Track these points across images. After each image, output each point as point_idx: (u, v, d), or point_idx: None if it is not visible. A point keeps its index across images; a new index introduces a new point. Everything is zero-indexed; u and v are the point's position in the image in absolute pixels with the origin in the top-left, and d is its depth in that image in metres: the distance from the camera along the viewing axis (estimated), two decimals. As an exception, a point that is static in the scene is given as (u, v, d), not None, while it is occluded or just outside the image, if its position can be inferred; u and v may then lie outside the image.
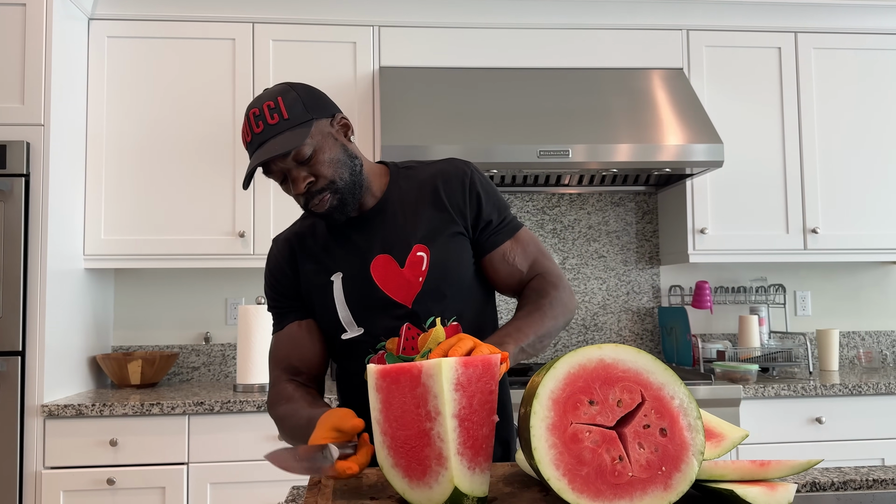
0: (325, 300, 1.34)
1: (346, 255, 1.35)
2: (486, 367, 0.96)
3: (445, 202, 1.35)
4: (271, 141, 1.23)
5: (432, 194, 1.36)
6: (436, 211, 1.35)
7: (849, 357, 3.29)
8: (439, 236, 1.34)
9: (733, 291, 3.18)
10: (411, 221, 1.34)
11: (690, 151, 2.61)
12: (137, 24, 2.74)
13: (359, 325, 1.33)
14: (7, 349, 2.32)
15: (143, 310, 3.02)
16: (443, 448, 0.91)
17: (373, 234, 1.35)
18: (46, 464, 2.32)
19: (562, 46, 2.91)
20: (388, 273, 1.32)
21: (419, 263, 1.32)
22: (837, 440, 2.59)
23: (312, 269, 1.36)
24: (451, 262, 1.34)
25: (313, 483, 1.08)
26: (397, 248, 1.33)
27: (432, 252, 1.33)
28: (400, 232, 1.34)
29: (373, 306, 1.32)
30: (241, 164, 2.74)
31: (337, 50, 2.82)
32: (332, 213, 1.30)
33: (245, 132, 1.26)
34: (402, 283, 1.32)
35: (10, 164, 2.35)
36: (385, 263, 1.33)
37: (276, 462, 0.99)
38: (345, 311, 1.33)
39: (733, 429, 1.03)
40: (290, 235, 1.41)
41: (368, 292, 1.32)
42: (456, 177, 1.37)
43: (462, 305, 1.35)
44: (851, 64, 3.00)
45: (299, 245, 1.39)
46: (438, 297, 1.32)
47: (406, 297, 1.32)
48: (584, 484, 0.87)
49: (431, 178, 1.37)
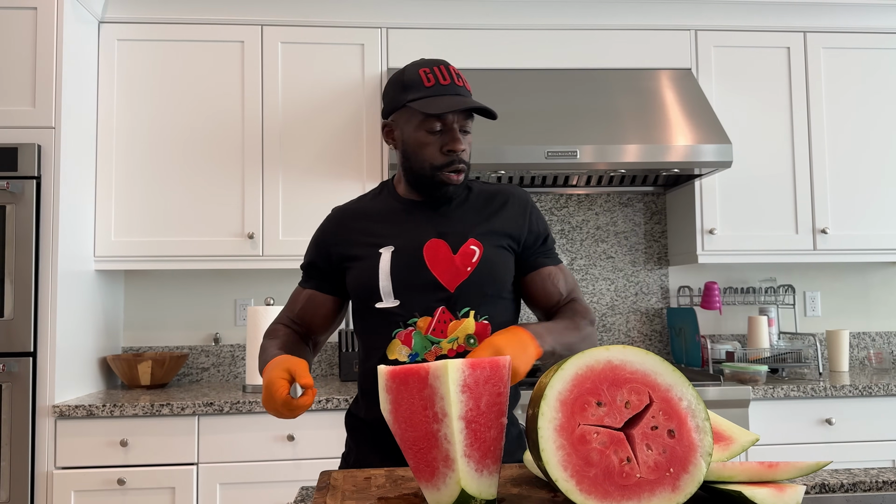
0: (367, 268, 1.41)
1: (402, 234, 1.42)
2: (495, 368, 0.96)
3: (506, 216, 1.46)
4: (471, 100, 1.36)
5: (496, 205, 1.47)
6: (495, 219, 1.45)
7: (859, 358, 3.27)
8: (492, 240, 1.43)
9: (742, 292, 3.17)
10: (471, 220, 1.44)
11: (699, 152, 2.61)
12: (147, 28, 2.76)
13: (396, 298, 1.39)
14: (19, 350, 2.33)
15: (152, 311, 3.04)
16: (450, 450, 0.91)
17: (433, 219, 1.44)
18: (58, 464, 2.34)
19: (569, 47, 2.91)
20: (439, 256, 1.40)
21: (471, 255, 1.41)
22: (847, 441, 2.57)
23: (362, 241, 1.44)
24: (499, 266, 1.43)
25: (322, 484, 1.09)
26: (452, 236, 1.42)
27: (485, 251, 1.41)
28: (458, 224, 1.43)
29: (416, 283, 1.39)
30: (250, 166, 2.75)
31: (345, 52, 2.83)
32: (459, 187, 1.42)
33: (440, 75, 1.37)
34: (451, 268, 1.39)
35: (22, 167, 2.37)
36: (437, 247, 1.41)
37: None
38: (387, 281, 1.39)
39: (743, 432, 1.03)
40: (347, 210, 1.50)
41: (415, 270, 1.39)
42: (519, 198, 1.50)
43: (495, 310, 1.43)
44: (861, 63, 2.98)
45: (351, 218, 1.48)
46: (479, 293, 1.40)
47: (451, 282, 1.39)
48: (592, 485, 0.87)
49: (497, 192, 1.50)
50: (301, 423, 2.41)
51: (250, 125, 2.77)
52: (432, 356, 1.37)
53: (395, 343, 1.39)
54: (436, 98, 1.35)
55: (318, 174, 2.78)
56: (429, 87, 1.36)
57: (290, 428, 2.41)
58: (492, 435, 0.95)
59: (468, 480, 0.91)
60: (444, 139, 1.37)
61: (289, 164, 2.77)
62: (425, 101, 1.35)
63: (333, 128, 2.80)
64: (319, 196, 2.77)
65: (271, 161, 2.76)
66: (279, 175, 2.76)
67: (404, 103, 1.38)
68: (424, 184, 1.41)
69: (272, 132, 2.77)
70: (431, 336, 1.37)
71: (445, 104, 1.33)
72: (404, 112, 1.40)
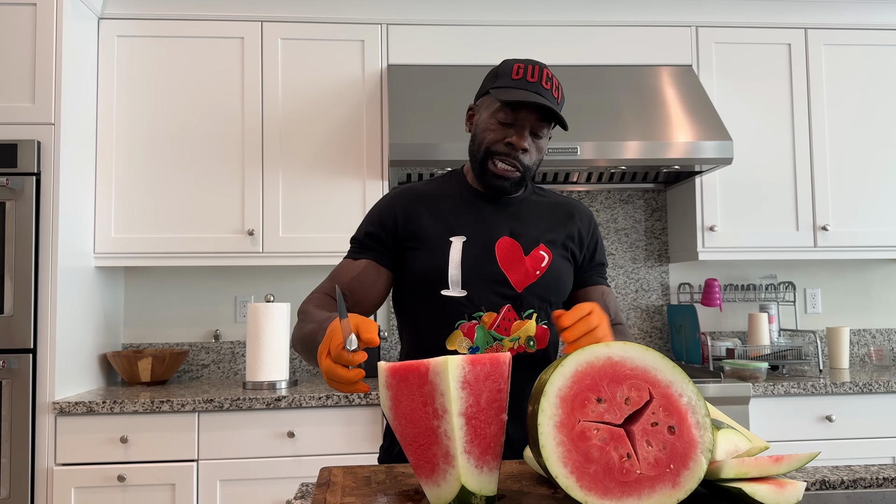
0: (437, 255, 1.41)
1: (474, 224, 1.43)
2: (495, 365, 0.96)
3: (573, 228, 1.50)
4: (547, 101, 1.37)
5: (564, 216, 1.51)
6: (563, 229, 1.49)
7: (859, 355, 3.27)
8: (559, 250, 1.47)
9: (743, 289, 3.17)
10: (542, 225, 1.47)
11: (700, 148, 2.60)
12: (147, 24, 2.75)
13: (463, 289, 1.39)
14: (19, 347, 2.33)
15: (153, 307, 3.04)
16: (450, 446, 0.91)
17: (505, 218, 1.46)
18: (58, 460, 2.34)
19: (570, 43, 2.90)
20: (512, 256, 1.42)
21: (540, 260, 1.43)
22: (848, 438, 2.57)
23: (432, 225, 1.43)
24: (564, 275, 1.46)
25: (322, 480, 1.09)
26: (524, 238, 1.44)
27: (553, 258, 1.45)
28: (531, 227, 1.46)
29: (485, 278, 1.39)
30: (250, 163, 2.75)
31: (345, 48, 2.82)
32: (509, 180, 1.42)
33: (531, 72, 1.38)
34: (521, 269, 1.41)
35: (21, 163, 2.37)
36: (510, 246, 1.42)
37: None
38: (456, 270, 1.39)
39: (756, 438, 1.03)
40: (415, 190, 1.49)
41: (487, 264, 1.40)
42: (586, 214, 1.54)
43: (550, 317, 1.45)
44: (862, 60, 2.98)
45: (421, 198, 1.47)
46: (543, 298, 1.43)
47: (519, 283, 1.41)
48: (592, 482, 0.87)
49: (566, 204, 1.53)
50: (301, 420, 2.41)
51: (250, 121, 2.76)
52: (492, 351, 1.36)
53: (456, 333, 1.39)
54: (515, 90, 1.36)
55: (319, 171, 2.77)
56: (514, 80, 1.37)
57: (291, 425, 2.41)
58: (492, 431, 0.95)
59: (468, 477, 0.91)
60: (510, 132, 1.39)
61: (289, 160, 2.77)
62: (503, 90, 1.37)
63: (334, 124, 2.80)
64: (319, 193, 2.77)
65: (271, 158, 2.76)
66: (279, 172, 2.76)
67: (488, 89, 1.41)
68: (478, 169, 1.43)
69: (272, 128, 2.77)
70: (495, 332, 1.38)
71: (518, 95, 1.35)
72: (487, 97, 1.43)
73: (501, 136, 1.40)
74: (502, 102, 1.37)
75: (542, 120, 1.39)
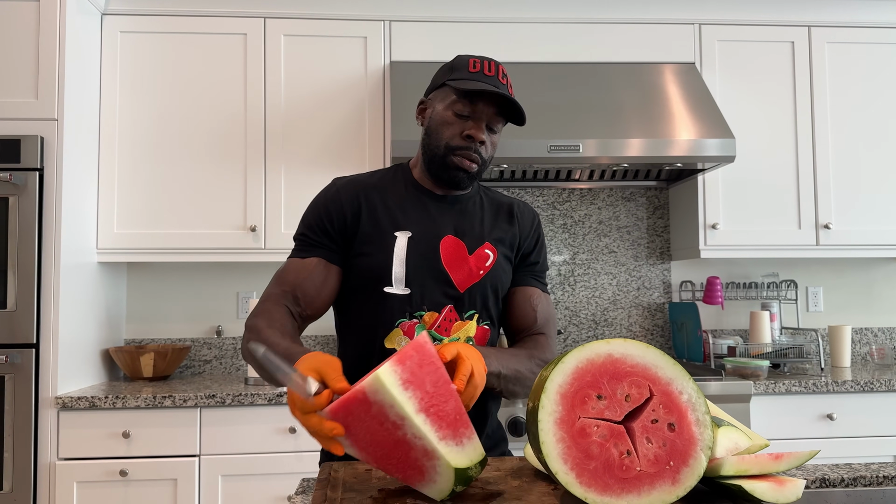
0: (381, 250, 1.37)
1: (420, 221, 1.40)
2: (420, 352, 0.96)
3: (515, 227, 1.48)
4: (502, 90, 1.36)
5: (506, 217, 1.48)
6: (507, 228, 1.47)
7: (861, 353, 3.27)
8: (502, 249, 1.44)
9: (744, 287, 3.17)
10: (488, 223, 1.45)
11: (702, 146, 2.60)
12: (150, 20, 2.76)
13: (406, 286, 1.36)
14: (21, 342, 2.34)
15: (155, 303, 3.05)
16: (425, 443, 0.91)
17: (451, 215, 1.43)
18: (60, 455, 2.35)
19: (573, 41, 2.90)
20: (456, 255, 1.39)
21: (485, 259, 1.41)
22: (849, 437, 2.58)
23: (378, 220, 1.39)
24: (505, 275, 1.44)
25: (323, 476, 1.09)
26: (469, 236, 1.42)
27: (497, 257, 1.42)
28: (476, 225, 1.43)
29: (428, 276, 1.37)
30: (253, 159, 2.75)
31: (348, 45, 2.82)
32: (467, 173, 1.39)
33: (487, 67, 1.37)
34: (465, 268, 1.39)
35: (24, 159, 2.38)
36: (455, 245, 1.40)
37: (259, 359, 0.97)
38: (400, 267, 1.36)
39: (756, 436, 1.03)
40: (359, 183, 1.43)
41: (430, 263, 1.37)
42: (528, 215, 1.52)
43: (494, 315, 1.43)
44: (865, 58, 2.97)
45: (365, 191, 1.42)
46: (485, 297, 1.40)
47: (462, 283, 1.38)
48: (592, 478, 0.87)
49: (508, 204, 1.51)
50: (303, 416, 2.42)
51: (253, 118, 2.77)
52: None
53: (396, 332, 1.36)
54: (474, 81, 1.35)
55: (321, 167, 2.78)
56: (472, 73, 1.36)
57: (292, 420, 2.42)
58: (451, 406, 0.95)
59: (455, 457, 0.92)
60: (468, 125, 1.36)
61: (291, 156, 2.77)
62: (462, 81, 1.35)
63: (336, 121, 2.80)
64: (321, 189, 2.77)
65: (273, 154, 2.76)
66: (281, 168, 2.76)
67: (444, 82, 1.38)
68: (437, 164, 1.39)
69: (274, 125, 2.77)
70: (435, 332, 1.36)
71: (478, 85, 1.33)
72: (441, 90, 1.40)
73: (459, 129, 1.37)
74: (461, 93, 1.34)
75: (499, 114, 1.37)
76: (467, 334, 1.37)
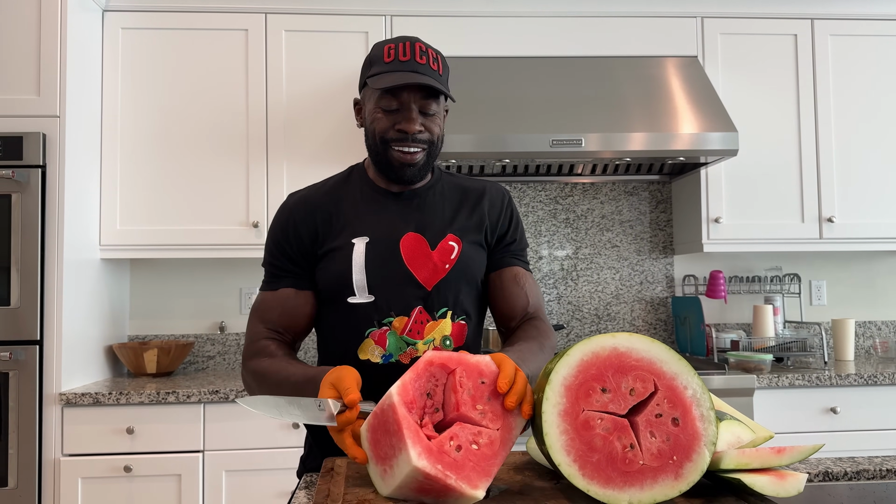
0: (340, 260, 1.32)
1: (377, 223, 1.35)
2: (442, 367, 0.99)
3: (482, 210, 1.41)
4: (427, 77, 1.28)
5: (473, 200, 1.42)
6: (473, 215, 1.40)
7: (864, 347, 3.26)
8: (469, 236, 1.38)
9: (748, 281, 3.16)
10: (450, 214, 1.39)
11: (705, 140, 2.60)
12: (151, 16, 2.75)
13: (370, 293, 1.31)
14: (25, 338, 2.35)
15: (158, 299, 3.05)
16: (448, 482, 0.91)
17: (410, 211, 1.37)
18: (65, 451, 2.35)
19: (575, 34, 2.89)
20: (417, 252, 1.33)
21: (449, 251, 1.35)
22: (852, 430, 2.57)
23: (333, 231, 1.35)
24: (475, 262, 1.38)
25: (326, 470, 1.09)
26: (431, 231, 1.36)
27: (463, 247, 1.36)
28: (438, 218, 1.37)
29: (391, 279, 1.31)
30: (255, 155, 2.75)
31: (349, 40, 2.82)
32: (415, 168, 1.33)
33: (402, 51, 1.30)
34: (429, 265, 1.33)
35: (27, 156, 2.38)
36: (416, 242, 1.34)
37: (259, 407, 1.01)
38: (360, 275, 1.31)
39: (760, 428, 1.03)
40: (311, 198, 1.39)
41: (391, 264, 1.32)
42: (497, 194, 1.44)
43: (470, 308, 1.38)
44: (868, 51, 2.96)
45: (320, 208, 1.37)
46: (456, 292, 1.34)
47: (428, 280, 1.33)
48: (595, 470, 0.87)
49: (475, 188, 1.44)
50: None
51: (255, 113, 2.76)
52: (407, 357, 1.30)
53: (367, 343, 1.31)
54: (390, 74, 1.27)
55: (323, 163, 2.78)
56: (387, 63, 1.29)
57: (296, 416, 2.42)
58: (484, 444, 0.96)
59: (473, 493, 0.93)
60: (398, 118, 1.30)
61: (293, 152, 2.77)
62: (378, 77, 1.28)
63: (338, 116, 2.79)
64: (324, 185, 2.77)
65: (276, 149, 2.76)
66: (283, 163, 2.76)
67: (365, 80, 1.33)
68: (382, 163, 1.34)
69: (276, 120, 2.77)
70: (407, 337, 1.31)
71: (393, 79, 1.26)
72: (367, 88, 1.35)
73: (390, 123, 1.31)
74: (381, 91, 1.29)
75: (427, 97, 1.30)
76: (442, 333, 1.32)
